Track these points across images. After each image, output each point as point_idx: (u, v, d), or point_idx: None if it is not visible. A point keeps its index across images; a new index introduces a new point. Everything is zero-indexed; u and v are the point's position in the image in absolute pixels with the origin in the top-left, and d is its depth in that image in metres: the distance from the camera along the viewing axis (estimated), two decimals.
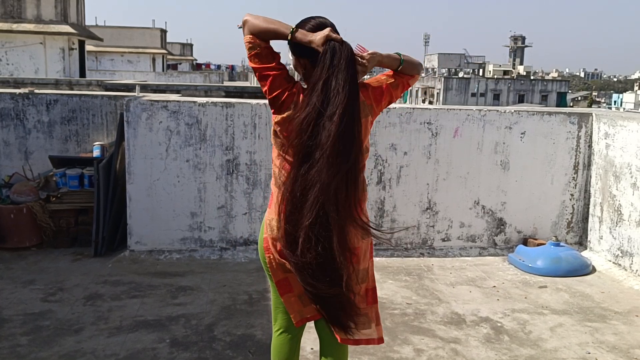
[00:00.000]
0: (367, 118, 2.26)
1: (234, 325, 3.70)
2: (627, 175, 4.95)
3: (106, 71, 29.88)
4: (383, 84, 2.32)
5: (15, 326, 3.59)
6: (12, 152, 5.55)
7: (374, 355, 3.37)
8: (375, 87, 2.31)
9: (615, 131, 5.14)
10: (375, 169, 5.20)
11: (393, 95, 2.35)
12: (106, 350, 3.33)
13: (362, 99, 2.24)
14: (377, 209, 5.25)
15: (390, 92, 2.33)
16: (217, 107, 4.95)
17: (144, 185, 4.93)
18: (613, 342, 3.66)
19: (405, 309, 4.07)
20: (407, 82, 2.37)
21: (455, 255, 5.32)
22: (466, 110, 5.36)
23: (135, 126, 4.86)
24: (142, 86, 9.11)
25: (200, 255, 5.01)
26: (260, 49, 2.14)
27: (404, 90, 2.39)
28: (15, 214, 5.03)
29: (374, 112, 2.30)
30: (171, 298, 4.12)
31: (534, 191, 5.46)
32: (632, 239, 4.85)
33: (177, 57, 49.86)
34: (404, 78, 2.34)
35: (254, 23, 2.13)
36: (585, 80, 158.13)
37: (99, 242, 4.99)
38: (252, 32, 2.13)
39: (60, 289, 4.23)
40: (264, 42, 2.14)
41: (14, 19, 19.31)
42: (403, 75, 2.34)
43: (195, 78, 30.20)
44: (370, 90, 2.29)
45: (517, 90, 56.19)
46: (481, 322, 3.89)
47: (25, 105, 5.53)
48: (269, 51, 2.16)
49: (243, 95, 11.11)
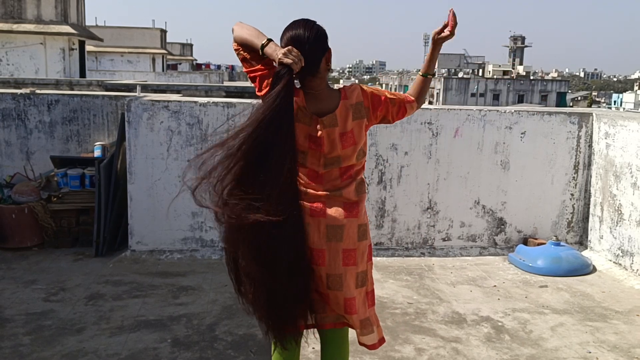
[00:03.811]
0: (363, 120, 2.30)
1: (236, 325, 3.70)
2: (627, 175, 4.96)
3: (106, 71, 29.85)
4: (383, 96, 2.38)
5: (17, 326, 3.60)
6: (13, 152, 5.56)
7: (375, 355, 3.38)
8: (375, 94, 2.37)
9: (615, 131, 5.15)
10: (376, 169, 5.21)
11: (389, 110, 2.40)
12: (108, 349, 3.34)
13: (361, 99, 2.30)
14: (377, 208, 5.26)
15: (387, 106, 2.39)
16: (218, 107, 4.96)
17: (145, 185, 4.94)
18: (614, 341, 3.67)
19: (406, 309, 4.08)
20: (405, 106, 2.44)
21: (456, 255, 5.33)
22: (466, 110, 5.37)
23: (137, 126, 4.87)
24: (143, 86, 9.10)
25: (202, 255, 5.02)
26: (245, 54, 2.29)
27: (400, 114, 2.44)
28: (16, 214, 5.04)
29: (370, 116, 2.34)
30: (172, 298, 4.13)
31: (534, 191, 5.47)
32: (633, 238, 4.86)
33: (177, 57, 49.81)
34: (407, 103, 2.44)
35: (237, 33, 2.28)
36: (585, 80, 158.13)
37: (100, 242, 5.00)
38: (236, 41, 2.29)
39: (62, 288, 4.23)
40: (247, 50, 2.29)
41: (14, 19, 19.30)
42: (406, 101, 2.45)
43: (196, 78, 30.14)
44: (370, 95, 2.34)
45: (516, 90, 56.16)
46: (482, 322, 3.90)
47: (27, 105, 5.54)
48: (254, 55, 2.27)
49: (243, 95, 11.11)
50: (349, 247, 2.27)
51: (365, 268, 2.36)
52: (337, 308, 2.31)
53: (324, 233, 2.24)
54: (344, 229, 2.26)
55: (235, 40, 2.29)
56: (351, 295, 2.28)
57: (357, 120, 2.28)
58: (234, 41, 2.30)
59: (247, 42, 2.25)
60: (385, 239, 5.32)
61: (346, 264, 2.27)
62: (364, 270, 2.34)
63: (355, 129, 2.27)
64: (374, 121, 2.38)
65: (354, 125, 2.27)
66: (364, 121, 2.30)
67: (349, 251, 2.28)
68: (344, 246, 2.27)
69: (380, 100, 2.36)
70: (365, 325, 2.35)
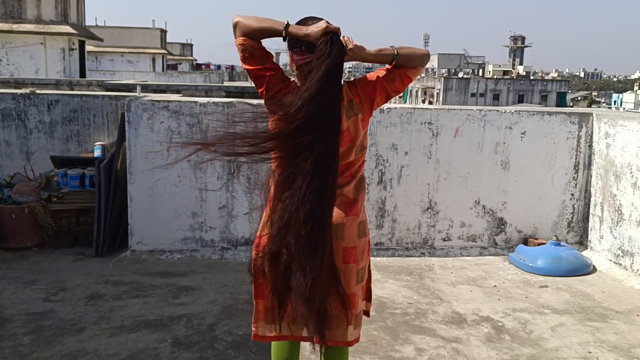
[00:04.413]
0: (357, 116, 2.23)
1: (236, 325, 3.70)
2: (627, 175, 4.96)
3: (106, 71, 29.84)
4: (376, 80, 2.25)
5: (17, 326, 3.60)
6: (13, 152, 5.56)
7: (375, 355, 3.38)
8: (366, 83, 2.26)
9: (615, 131, 5.15)
10: (376, 169, 5.21)
11: (389, 89, 2.26)
12: (108, 350, 3.34)
13: (350, 97, 2.23)
14: (378, 208, 5.25)
15: (384, 87, 2.25)
16: (219, 107, 4.96)
17: (145, 185, 4.93)
18: (614, 341, 3.66)
19: (407, 309, 4.08)
20: (406, 73, 2.24)
21: (456, 255, 5.33)
22: (467, 110, 5.37)
23: (137, 126, 4.87)
24: (143, 86, 9.11)
25: (202, 255, 5.02)
26: (253, 50, 2.13)
27: (404, 83, 2.26)
28: (16, 214, 5.04)
29: (365, 109, 2.25)
30: (172, 298, 4.13)
31: (534, 191, 5.47)
32: (633, 238, 4.86)
33: (177, 57, 49.80)
34: (400, 70, 2.24)
35: (245, 24, 2.10)
36: (585, 80, 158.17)
37: (100, 242, 5.00)
38: (244, 33, 2.11)
39: (62, 288, 4.23)
40: (256, 42, 2.13)
41: (15, 19, 19.31)
42: (399, 67, 2.24)
43: (196, 78, 30.15)
44: (359, 88, 2.25)
45: (516, 90, 56.19)
46: (482, 322, 3.90)
47: (27, 105, 5.54)
48: (262, 51, 2.16)
49: (244, 95, 11.11)
50: (349, 245, 2.27)
51: (365, 264, 2.36)
52: (334, 304, 2.30)
53: None
54: (344, 228, 2.25)
55: (244, 32, 2.11)
56: (352, 292, 2.29)
57: (351, 119, 2.23)
58: (241, 34, 2.11)
59: (263, 29, 2.09)
60: (386, 239, 5.32)
61: (346, 261, 2.27)
62: (363, 267, 2.35)
63: (350, 126, 2.22)
64: (373, 109, 2.29)
65: (349, 124, 2.22)
66: (359, 116, 2.24)
67: (349, 249, 2.27)
68: (344, 244, 2.26)
69: (374, 86, 2.25)
70: (358, 320, 2.36)
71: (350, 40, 2.14)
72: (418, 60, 2.25)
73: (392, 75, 2.25)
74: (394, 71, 2.25)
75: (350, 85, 2.26)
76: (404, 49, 2.23)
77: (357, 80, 2.29)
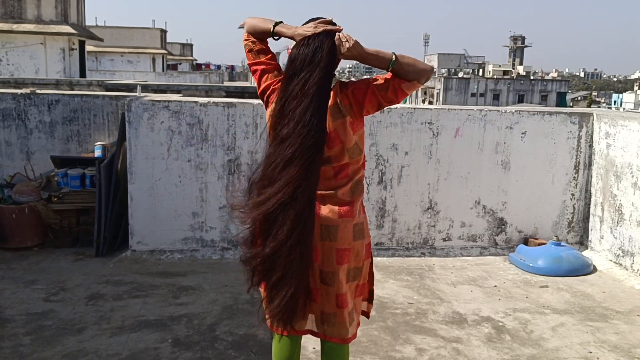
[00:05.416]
0: (345, 118, 2.22)
1: (236, 325, 3.70)
2: (628, 175, 4.96)
3: (106, 71, 29.86)
4: (368, 86, 2.23)
5: (17, 326, 3.60)
6: (13, 152, 5.56)
7: (376, 355, 3.38)
8: (359, 87, 2.24)
9: (616, 131, 5.15)
10: (377, 169, 5.21)
11: (381, 98, 2.22)
12: (108, 350, 3.34)
13: (339, 99, 2.23)
14: (378, 208, 5.25)
15: (376, 95, 2.22)
16: (219, 107, 4.96)
17: (145, 185, 4.94)
18: (614, 341, 3.66)
19: (407, 309, 4.08)
20: (400, 86, 2.20)
21: (457, 255, 5.33)
22: (467, 110, 5.37)
23: (137, 126, 4.87)
24: (143, 86, 9.11)
25: (202, 255, 5.02)
26: (252, 46, 2.36)
27: (397, 95, 2.22)
28: (17, 214, 5.03)
29: (354, 112, 2.23)
30: (173, 298, 4.13)
31: (534, 191, 5.47)
32: (633, 238, 4.86)
33: (177, 57, 49.81)
34: (396, 81, 2.20)
35: (249, 23, 2.37)
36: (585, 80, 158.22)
37: (100, 242, 5.00)
38: (247, 31, 2.37)
39: (62, 288, 4.23)
40: (257, 40, 2.37)
41: (15, 19, 19.30)
42: (396, 78, 2.21)
43: (196, 78, 30.17)
44: (350, 90, 2.24)
45: (516, 90, 56.20)
46: (483, 322, 3.90)
47: (27, 105, 5.54)
48: (262, 49, 2.37)
49: (244, 95, 11.12)
50: (343, 246, 2.27)
51: (360, 265, 2.35)
52: (329, 303, 2.30)
53: (317, 232, 2.24)
54: (338, 229, 2.25)
55: (247, 30, 2.37)
56: (343, 292, 2.30)
57: (338, 120, 2.22)
58: (246, 31, 2.38)
59: (258, 27, 2.32)
60: (386, 239, 5.32)
61: (339, 262, 2.28)
62: (357, 267, 2.34)
63: (339, 129, 2.21)
64: (363, 114, 2.26)
65: (336, 126, 2.21)
66: (347, 119, 2.22)
67: (342, 251, 2.27)
68: (337, 246, 2.26)
69: (366, 92, 2.22)
70: (352, 317, 2.36)
71: (347, 38, 2.17)
72: (416, 74, 2.20)
73: (387, 85, 2.21)
74: (390, 81, 2.21)
75: (342, 87, 2.27)
76: (405, 58, 2.20)
77: (351, 82, 2.29)
